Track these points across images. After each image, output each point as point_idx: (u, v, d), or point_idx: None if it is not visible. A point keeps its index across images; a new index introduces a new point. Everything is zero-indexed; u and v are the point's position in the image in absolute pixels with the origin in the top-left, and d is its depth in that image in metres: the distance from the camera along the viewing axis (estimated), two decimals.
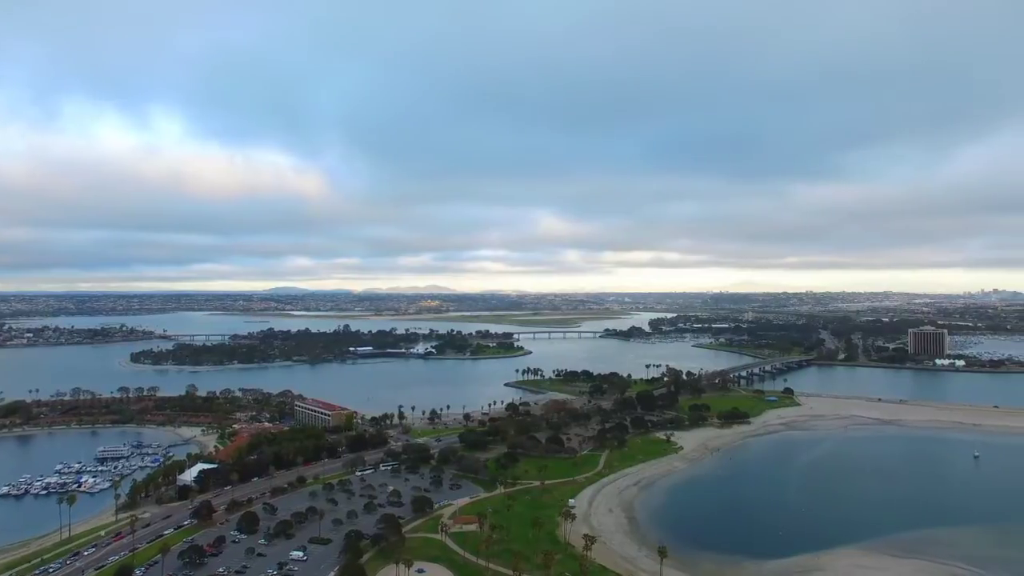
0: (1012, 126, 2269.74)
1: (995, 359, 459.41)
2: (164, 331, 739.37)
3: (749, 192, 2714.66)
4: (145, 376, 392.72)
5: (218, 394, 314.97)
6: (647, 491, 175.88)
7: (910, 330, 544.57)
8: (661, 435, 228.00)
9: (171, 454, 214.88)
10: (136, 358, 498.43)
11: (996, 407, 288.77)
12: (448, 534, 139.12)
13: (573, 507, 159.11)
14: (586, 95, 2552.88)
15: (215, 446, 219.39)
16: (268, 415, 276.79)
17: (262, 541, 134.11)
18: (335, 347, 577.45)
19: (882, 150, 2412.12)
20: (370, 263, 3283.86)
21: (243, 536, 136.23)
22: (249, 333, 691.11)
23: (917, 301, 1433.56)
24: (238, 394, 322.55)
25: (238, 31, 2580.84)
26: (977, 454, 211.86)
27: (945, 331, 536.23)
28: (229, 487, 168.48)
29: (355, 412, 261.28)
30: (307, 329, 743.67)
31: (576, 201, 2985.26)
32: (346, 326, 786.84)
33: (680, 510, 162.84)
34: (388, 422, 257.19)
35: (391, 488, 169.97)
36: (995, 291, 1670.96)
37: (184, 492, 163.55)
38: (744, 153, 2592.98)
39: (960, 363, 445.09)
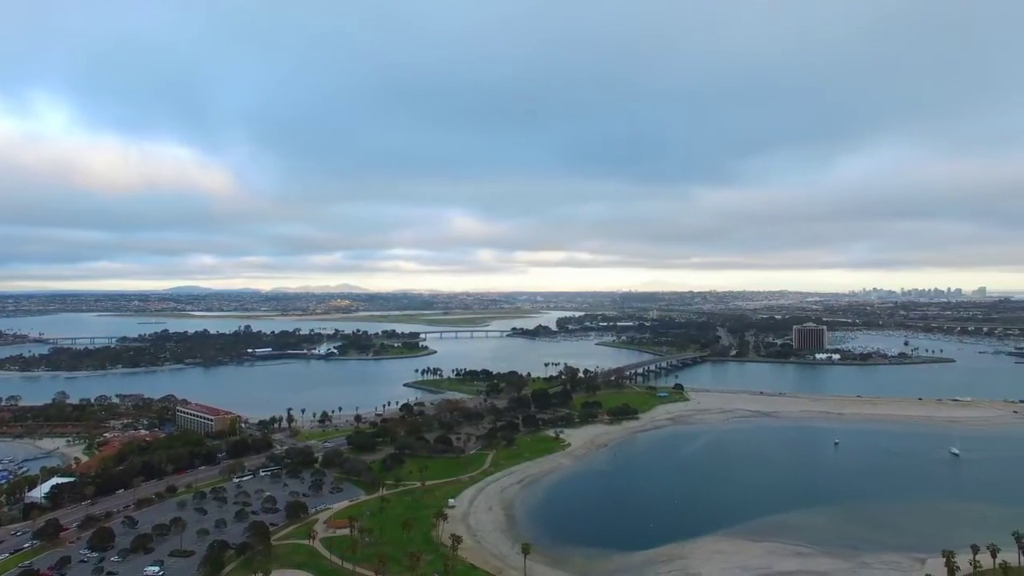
0: (885, 140, 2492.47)
1: (864, 353, 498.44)
2: (40, 334, 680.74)
3: (656, 195, 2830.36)
4: (9, 384, 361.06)
5: (92, 401, 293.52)
6: (529, 489, 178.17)
7: (795, 327, 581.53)
8: (551, 433, 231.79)
9: (24, 469, 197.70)
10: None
11: (859, 396, 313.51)
12: (320, 539, 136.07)
13: (453, 507, 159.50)
14: (497, 97, 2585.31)
15: (76, 458, 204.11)
16: (147, 422, 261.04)
17: (115, 558, 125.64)
18: (233, 349, 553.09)
19: (774, 158, 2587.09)
20: (279, 262, 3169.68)
21: (93, 555, 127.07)
22: (140, 335, 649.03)
23: (809, 300, 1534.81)
24: (116, 400, 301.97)
25: (131, 17, 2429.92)
26: (837, 441, 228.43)
27: (825, 327, 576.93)
28: (87, 502, 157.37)
29: (239, 416, 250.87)
30: (205, 330, 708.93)
31: (489, 201, 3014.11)
32: (247, 327, 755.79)
33: (559, 506, 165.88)
34: (276, 425, 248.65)
35: (267, 494, 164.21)
36: (875, 290, 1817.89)
37: (29, 511, 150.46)
38: (650, 158, 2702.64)
39: (836, 357, 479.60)
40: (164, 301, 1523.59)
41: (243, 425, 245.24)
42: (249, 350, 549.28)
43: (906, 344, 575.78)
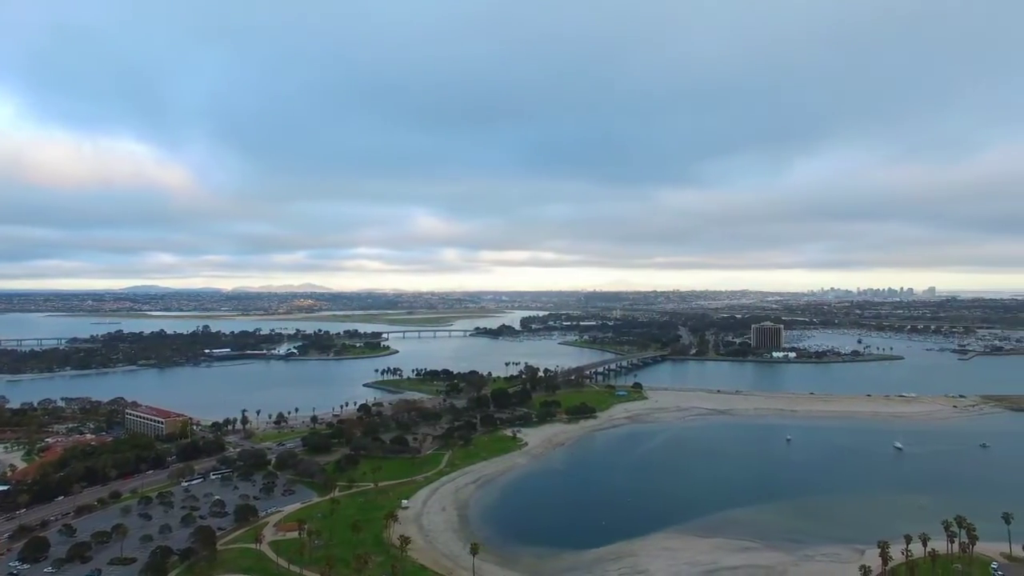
0: (839, 144, 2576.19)
1: (819, 351, 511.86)
2: None
3: (620, 196, 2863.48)
4: None
5: (35, 405, 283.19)
6: (484, 489, 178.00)
7: (753, 326, 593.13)
8: (508, 432, 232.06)
9: None
10: None
11: (812, 394, 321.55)
12: (268, 543, 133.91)
13: (406, 507, 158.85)
14: (460, 97, 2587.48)
15: (12, 465, 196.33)
16: (93, 426, 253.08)
17: (49, 569, 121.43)
18: (190, 349, 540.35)
19: (734, 160, 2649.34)
20: (241, 261, 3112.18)
21: (24, 567, 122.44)
22: (92, 336, 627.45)
23: (769, 299, 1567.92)
24: (61, 404, 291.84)
25: (80, 7, 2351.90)
26: (789, 437, 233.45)
27: (782, 326, 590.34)
28: (22, 511, 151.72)
29: (192, 418, 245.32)
30: (162, 331, 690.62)
31: (453, 201, 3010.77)
32: (206, 327, 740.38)
33: (513, 506, 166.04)
34: (229, 427, 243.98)
35: (216, 498, 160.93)
36: (832, 290, 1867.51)
37: None
38: (614, 159, 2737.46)
39: (792, 355, 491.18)
40: (120, 301, 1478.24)
41: (195, 427, 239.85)
42: (207, 351, 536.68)
43: (859, 342, 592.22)
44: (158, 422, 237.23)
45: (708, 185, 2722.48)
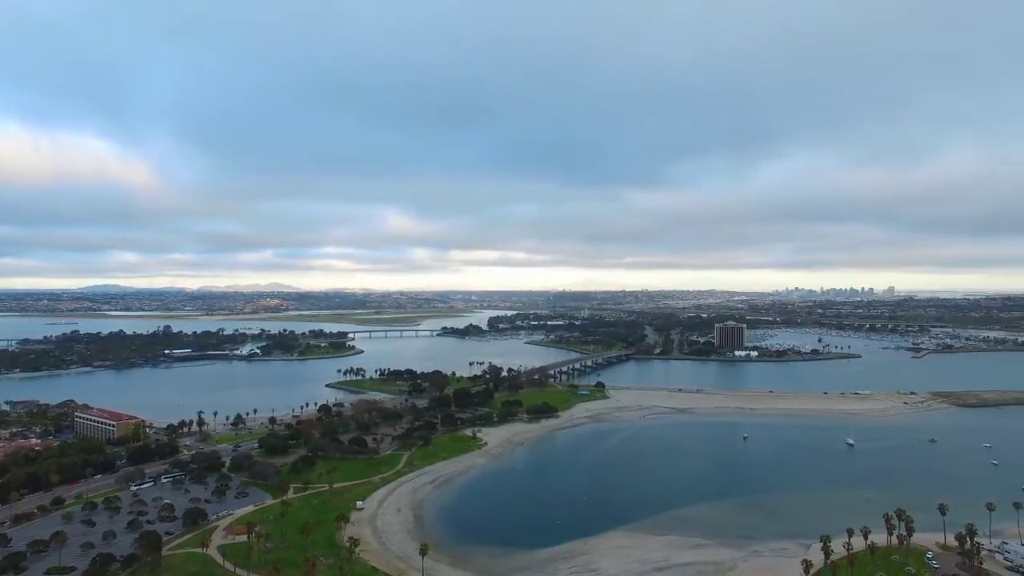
0: (802, 147, 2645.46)
1: (780, 350, 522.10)
2: None
3: (588, 196, 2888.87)
4: None
5: None
6: (441, 489, 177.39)
7: (716, 325, 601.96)
8: (468, 432, 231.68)
9: None
10: None
11: (771, 392, 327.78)
12: (217, 547, 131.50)
13: (361, 508, 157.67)
14: (428, 96, 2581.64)
15: None
16: (40, 430, 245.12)
17: None
18: (149, 350, 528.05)
19: (701, 162, 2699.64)
20: (207, 260, 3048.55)
21: None
22: (45, 336, 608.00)
23: (736, 299, 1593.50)
24: (5, 408, 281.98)
25: (42, 0, 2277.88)
26: (746, 435, 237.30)
27: (744, 326, 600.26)
28: None
29: (145, 421, 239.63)
30: (121, 331, 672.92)
31: (422, 200, 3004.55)
32: (167, 327, 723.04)
33: (470, 506, 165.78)
34: (185, 429, 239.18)
35: (165, 502, 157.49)
36: (797, 289, 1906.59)
37: None
38: (582, 159, 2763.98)
39: (754, 354, 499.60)
40: (78, 300, 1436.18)
41: (149, 430, 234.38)
42: (166, 351, 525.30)
43: (820, 341, 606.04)
44: (109, 425, 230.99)
45: (676, 186, 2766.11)
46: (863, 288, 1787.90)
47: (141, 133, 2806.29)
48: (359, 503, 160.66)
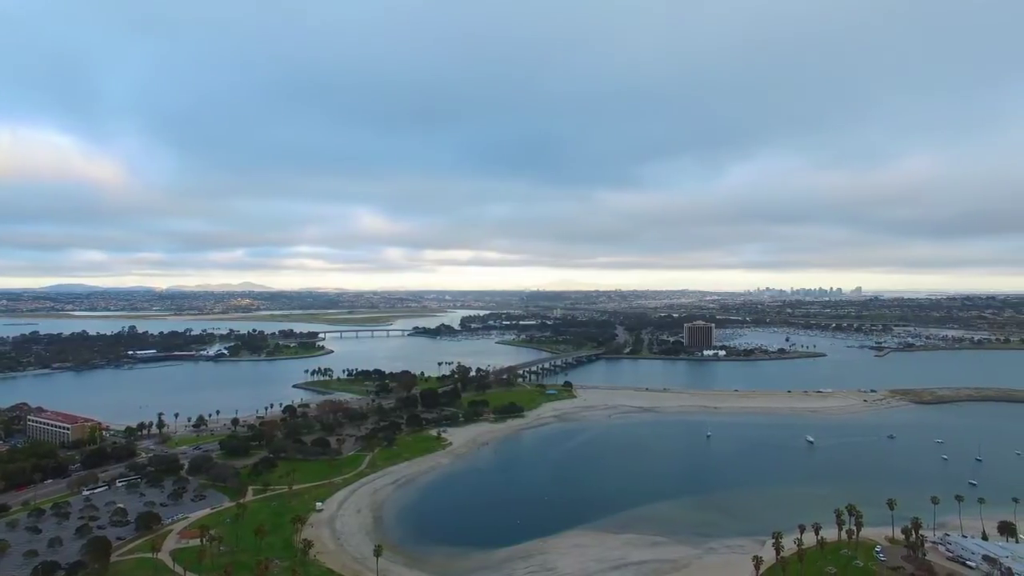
0: (769, 151, 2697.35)
1: (748, 349, 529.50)
2: None
3: (561, 196, 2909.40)
4: None
5: None
6: (403, 489, 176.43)
7: (685, 324, 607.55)
8: (433, 432, 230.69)
9: None
10: None
11: (736, 391, 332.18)
12: (169, 552, 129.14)
13: (320, 510, 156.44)
14: (400, 97, 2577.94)
15: None
16: None
17: None
18: (112, 351, 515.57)
19: (672, 164, 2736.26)
20: (176, 259, 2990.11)
21: None
22: (2, 338, 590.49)
23: (708, 299, 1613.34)
24: None
25: None
26: (709, 433, 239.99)
27: (713, 325, 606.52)
28: None
29: (101, 423, 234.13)
30: (83, 331, 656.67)
31: (396, 200, 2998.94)
32: (132, 327, 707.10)
33: (431, 506, 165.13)
34: (144, 432, 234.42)
35: (118, 506, 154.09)
36: (768, 289, 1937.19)
37: None
38: (554, 160, 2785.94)
39: (722, 353, 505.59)
40: (39, 300, 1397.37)
41: (106, 433, 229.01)
42: (130, 352, 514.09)
43: (787, 340, 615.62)
44: (64, 428, 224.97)
45: (647, 187, 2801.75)
46: (832, 288, 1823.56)
47: (108, 129, 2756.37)
48: (319, 504, 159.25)
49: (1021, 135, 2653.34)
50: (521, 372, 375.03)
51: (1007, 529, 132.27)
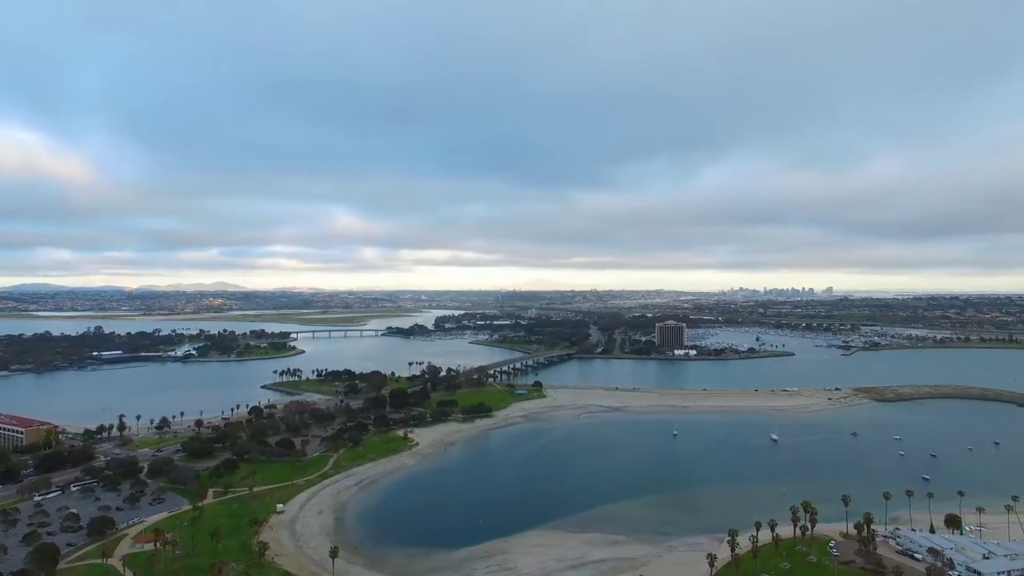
0: (741, 152, 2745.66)
1: (719, 348, 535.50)
2: None
3: (537, 197, 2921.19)
4: None
5: None
6: (367, 490, 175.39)
7: (657, 324, 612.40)
8: (400, 432, 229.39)
9: None
10: None
11: (704, 390, 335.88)
12: (122, 557, 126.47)
13: (282, 512, 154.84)
14: (374, 96, 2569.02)
15: None
16: None
17: None
18: (76, 352, 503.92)
19: (646, 165, 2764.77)
20: (147, 258, 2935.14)
21: None
22: None
23: (682, 299, 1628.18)
24: None
25: None
26: (675, 432, 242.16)
27: (684, 325, 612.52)
28: None
29: (58, 426, 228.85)
30: (47, 332, 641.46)
31: (372, 200, 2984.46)
32: (98, 327, 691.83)
33: (393, 507, 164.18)
34: (104, 434, 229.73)
35: (71, 511, 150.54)
36: (741, 289, 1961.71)
37: None
38: (529, 161, 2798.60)
39: (692, 352, 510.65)
40: (2, 300, 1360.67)
41: (63, 436, 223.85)
42: (94, 353, 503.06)
43: (757, 340, 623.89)
44: (18, 432, 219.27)
45: (623, 188, 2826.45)
46: (804, 288, 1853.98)
47: (75, 126, 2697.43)
48: (280, 506, 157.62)
49: (985, 140, 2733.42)
50: (492, 372, 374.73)
51: (953, 522, 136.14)
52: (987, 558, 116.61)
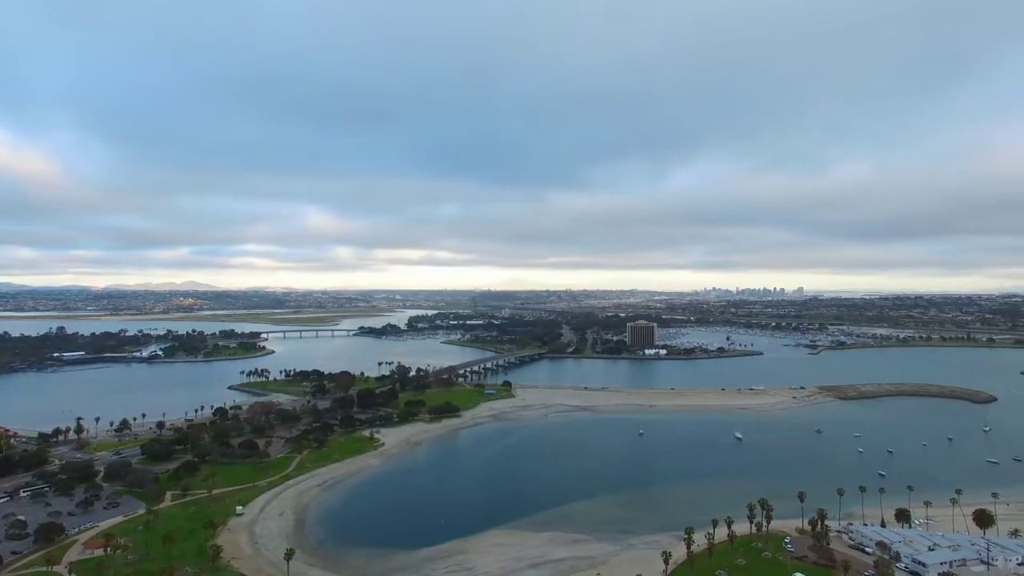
0: (710, 154, 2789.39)
1: (688, 348, 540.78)
2: None
3: (511, 197, 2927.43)
4: None
5: None
6: (330, 491, 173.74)
7: (628, 324, 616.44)
8: (366, 433, 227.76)
9: None
10: None
11: (672, 389, 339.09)
12: (69, 564, 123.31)
13: (241, 514, 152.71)
14: (347, 95, 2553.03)
15: None
16: None
17: None
18: (36, 353, 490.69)
19: (619, 166, 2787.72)
20: (115, 256, 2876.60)
21: None
22: None
23: (656, 298, 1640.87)
24: None
25: None
26: (642, 431, 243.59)
27: (655, 324, 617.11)
28: None
29: (10, 430, 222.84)
30: (5, 333, 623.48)
31: (345, 199, 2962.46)
32: (61, 328, 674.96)
33: (356, 508, 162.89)
34: (60, 438, 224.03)
35: (18, 518, 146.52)
36: (714, 289, 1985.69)
37: None
38: (503, 161, 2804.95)
39: (663, 352, 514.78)
40: None
41: (14, 440, 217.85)
42: (56, 354, 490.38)
43: (727, 339, 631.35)
44: None
45: (597, 188, 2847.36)
46: (775, 288, 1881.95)
47: (37, 122, 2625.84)
48: (239, 508, 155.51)
49: (946, 144, 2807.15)
50: (462, 372, 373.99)
51: (903, 516, 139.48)
52: (932, 550, 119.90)
